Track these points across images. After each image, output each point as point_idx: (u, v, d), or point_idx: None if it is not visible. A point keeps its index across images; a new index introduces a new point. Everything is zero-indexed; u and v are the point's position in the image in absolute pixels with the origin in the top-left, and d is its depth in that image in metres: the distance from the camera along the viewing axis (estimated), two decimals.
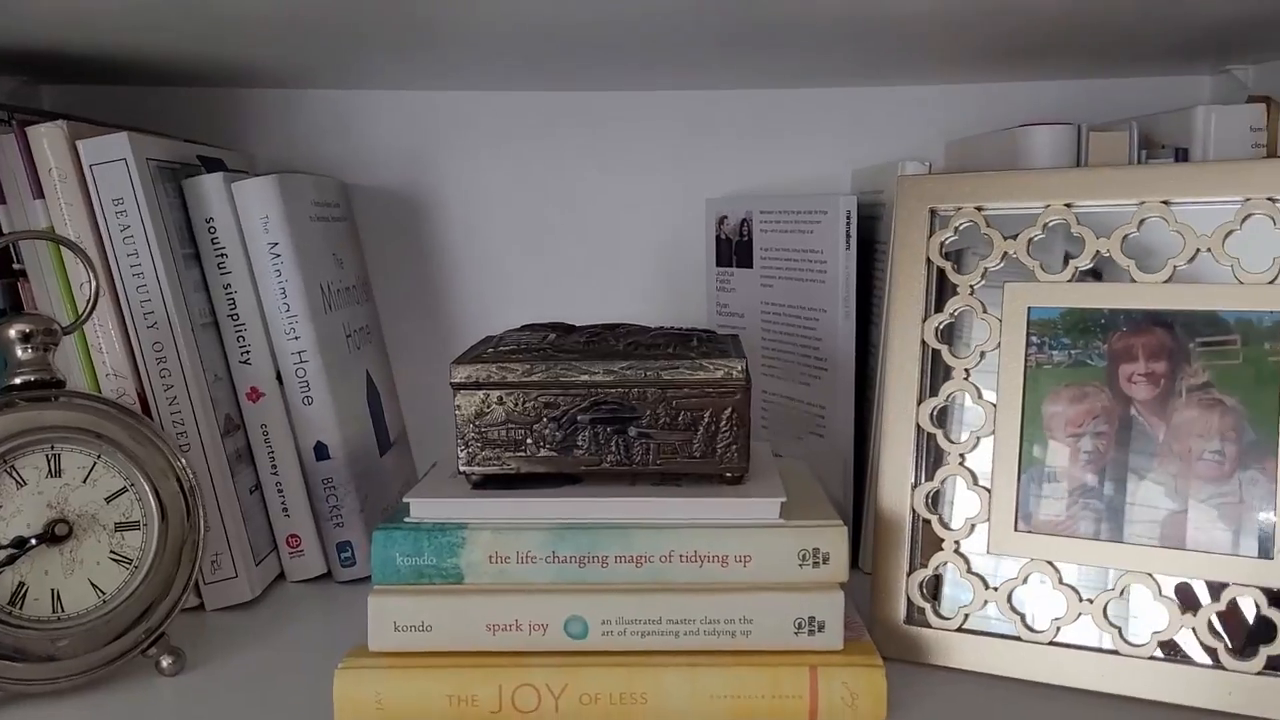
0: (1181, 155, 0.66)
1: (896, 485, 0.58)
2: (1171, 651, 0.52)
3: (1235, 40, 0.69)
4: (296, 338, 0.68)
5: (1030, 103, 0.81)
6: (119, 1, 0.54)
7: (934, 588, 0.57)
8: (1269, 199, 0.51)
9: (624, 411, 0.53)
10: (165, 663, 0.56)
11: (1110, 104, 0.81)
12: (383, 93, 0.83)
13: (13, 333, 0.54)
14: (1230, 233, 0.52)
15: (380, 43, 0.65)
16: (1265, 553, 0.50)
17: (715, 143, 0.83)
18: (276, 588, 0.69)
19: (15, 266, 0.62)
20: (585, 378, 0.53)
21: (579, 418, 0.53)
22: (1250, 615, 0.50)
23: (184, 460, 0.56)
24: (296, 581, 0.70)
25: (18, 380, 0.54)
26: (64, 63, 0.71)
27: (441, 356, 0.85)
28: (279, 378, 0.68)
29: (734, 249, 0.80)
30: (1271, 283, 0.51)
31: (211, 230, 0.67)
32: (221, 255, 0.67)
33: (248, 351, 0.68)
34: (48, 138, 0.61)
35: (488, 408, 0.53)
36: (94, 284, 0.58)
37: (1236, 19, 0.61)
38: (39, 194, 0.62)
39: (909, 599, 0.57)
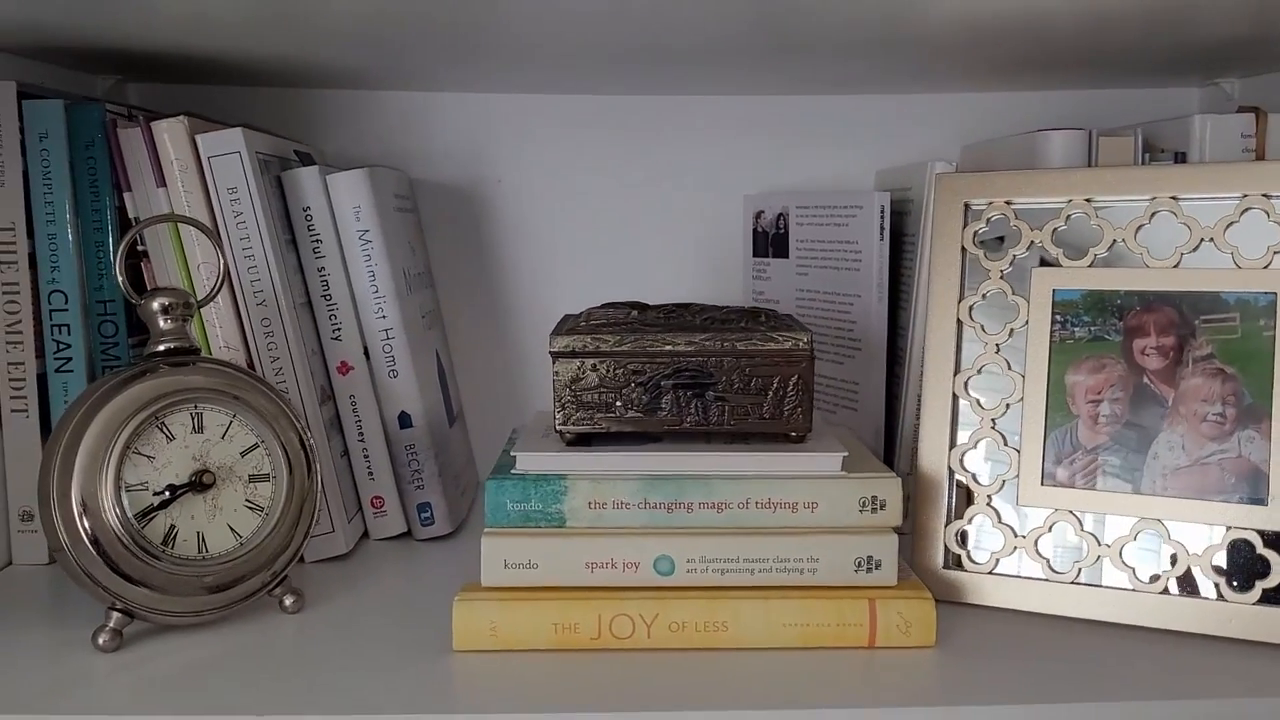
0: (1180, 159, 0.74)
1: (935, 447, 0.65)
2: (1179, 587, 0.59)
3: (1223, 57, 0.77)
4: (384, 317, 0.74)
5: (1037, 111, 0.90)
6: (229, 13, 0.60)
7: (964, 539, 0.64)
8: (1264, 195, 0.59)
9: (703, 378, 0.60)
10: (288, 601, 0.62)
11: (1110, 113, 0.89)
12: (445, 94, 0.90)
13: (156, 305, 0.61)
14: (1230, 224, 0.60)
15: (446, 52, 0.72)
16: (1260, 500, 0.58)
17: (751, 144, 0.91)
18: (362, 545, 0.76)
19: (139, 248, 0.69)
20: (669, 347, 0.60)
21: (663, 383, 0.60)
22: (1243, 554, 0.58)
23: (305, 421, 0.63)
24: (380, 539, 0.76)
25: (161, 348, 0.60)
26: (156, 63, 0.77)
27: (493, 341, 0.92)
28: (366, 353, 0.75)
29: (770, 241, 0.87)
30: (1266, 268, 0.59)
31: (308, 218, 0.73)
32: (317, 241, 0.74)
33: (339, 329, 0.74)
34: (169, 132, 0.68)
35: (582, 374, 0.60)
36: (221, 263, 0.65)
37: (1224, 39, 0.70)
38: (161, 183, 0.68)
39: (946, 546, 0.65)
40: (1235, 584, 0.58)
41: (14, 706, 0.51)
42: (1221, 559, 0.59)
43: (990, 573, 0.63)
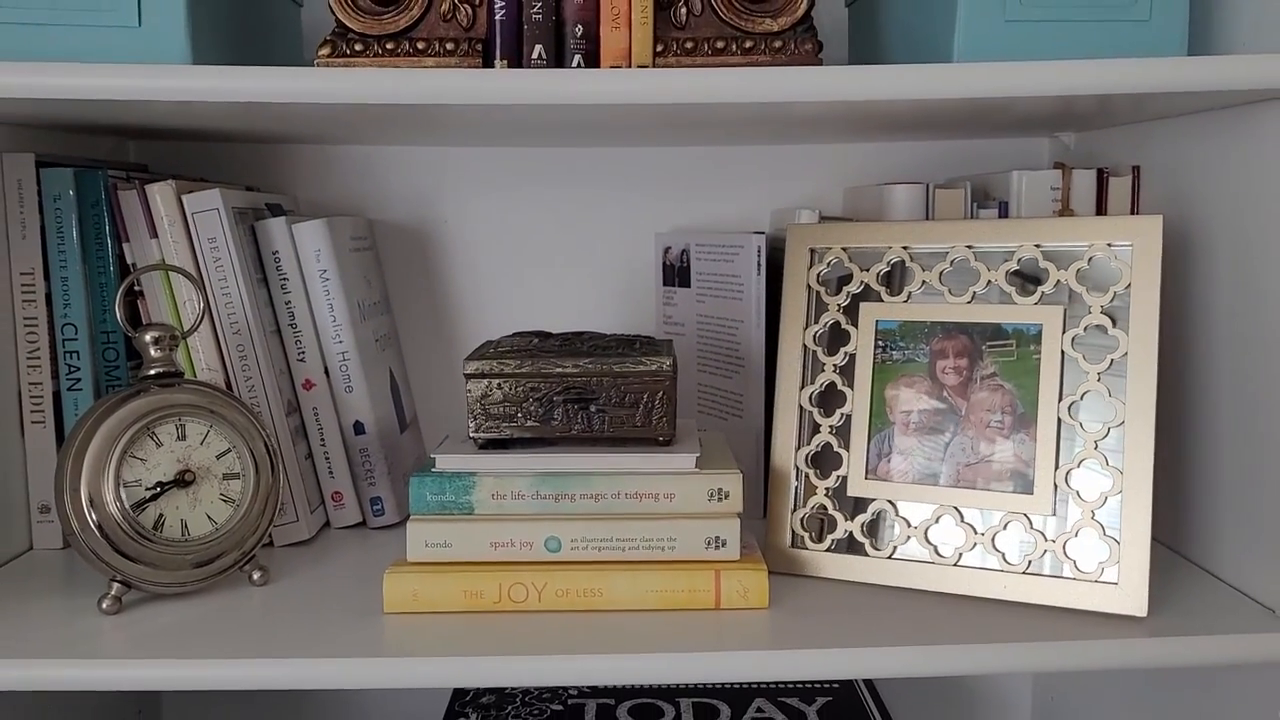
0: (1004, 207, 0.89)
1: (784, 447, 0.80)
2: (969, 560, 0.74)
3: (1054, 122, 0.91)
4: (340, 341, 0.89)
5: (911, 157, 1.04)
6: (209, 108, 0.75)
7: (805, 523, 0.79)
8: (1035, 245, 0.74)
9: (587, 394, 0.75)
10: (256, 576, 0.77)
11: (975, 159, 1.04)
12: (399, 148, 1.05)
13: (148, 338, 0.75)
14: (1011, 270, 0.75)
15: (393, 124, 0.86)
16: (1028, 490, 0.72)
17: (663, 188, 1.05)
18: (324, 533, 0.90)
19: (136, 289, 0.84)
20: (560, 370, 0.75)
21: (555, 398, 0.75)
22: (1016, 533, 0.73)
23: (271, 430, 0.78)
24: (339, 528, 0.91)
25: (152, 372, 0.75)
26: (154, 132, 0.92)
27: (444, 358, 1.07)
28: (326, 372, 0.90)
29: (676, 273, 1.02)
30: (1036, 304, 0.74)
31: (277, 261, 0.88)
32: (284, 279, 0.88)
33: (303, 352, 0.89)
34: (160, 193, 0.83)
35: (490, 391, 0.75)
36: (202, 302, 0.79)
37: (1047, 113, 0.84)
38: (154, 234, 0.83)
39: (792, 530, 0.79)
40: (1009, 557, 0.73)
41: (38, 654, 0.66)
42: (1000, 537, 0.73)
43: (826, 550, 0.78)
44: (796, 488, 0.80)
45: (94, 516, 0.71)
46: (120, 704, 1.01)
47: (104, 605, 0.71)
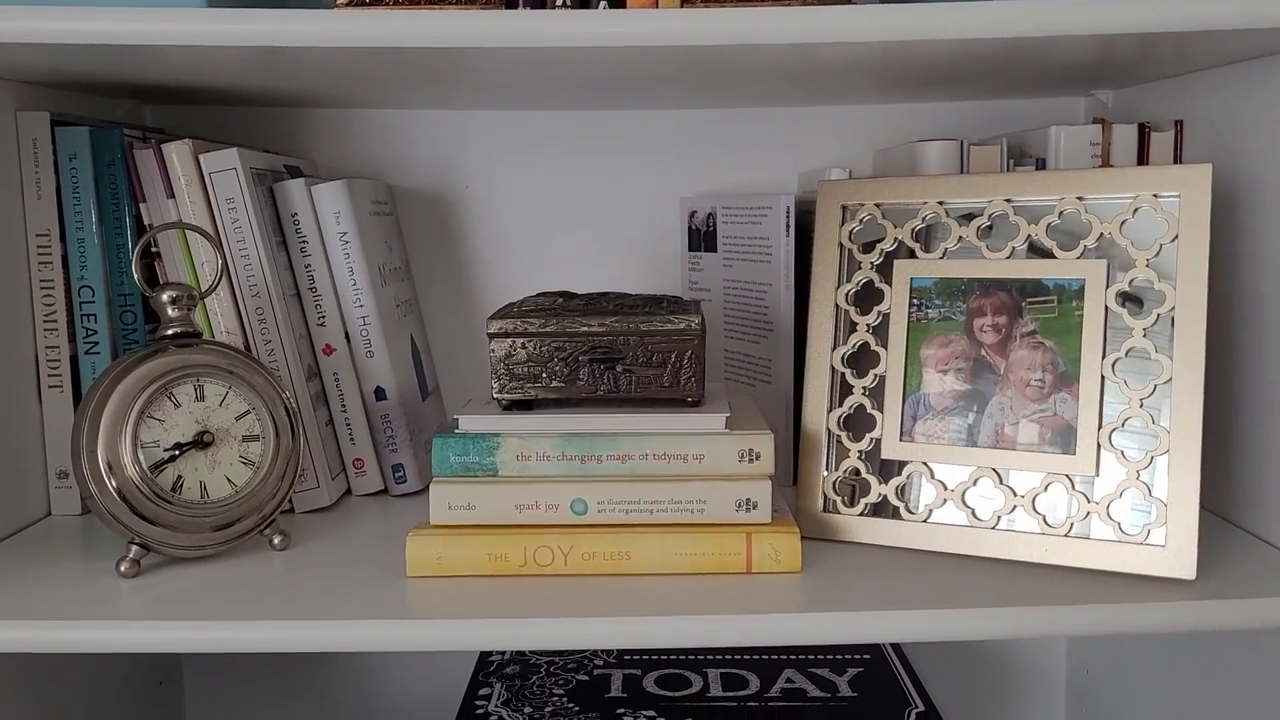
0: (1040, 164, 0.86)
1: (816, 411, 0.78)
2: (1008, 524, 0.72)
3: (1091, 74, 0.89)
4: (361, 306, 0.87)
5: (943, 119, 1.01)
6: (223, 57, 0.73)
7: (838, 487, 0.77)
8: (1078, 198, 0.71)
9: (613, 354, 0.73)
10: (276, 540, 0.75)
11: (1009, 119, 1.01)
12: (419, 112, 1.03)
13: (165, 297, 0.74)
14: (1051, 224, 0.72)
15: (415, 81, 0.84)
16: (1070, 450, 0.70)
17: (688, 151, 1.03)
18: (345, 500, 0.89)
19: (153, 250, 0.82)
20: (585, 329, 0.73)
21: (580, 358, 0.73)
22: (1058, 495, 0.70)
23: (290, 392, 0.76)
24: (361, 495, 0.90)
25: (169, 331, 0.74)
26: (166, 93, 0.90)
27: (466, 327, 1.05)
28: (347, 337, 0.88)
29: (702, 237, 0.99)
30: (1079, 258, 0.71)
31: (296, 223, 0.86)
32: (303, 242, 0.87)
33: (323, 317, 0.87)
34: (177, 153, 0.81)
35: (514, 351, 0.73)
36: (220, 262, 0.78)
37: (1084, 62, 0.81)
38: (171, 195, 0.81)
39: (824, 494, 0.77)
40: (1050, 520, 0.70)
41: (57, 615, 0.64)
42: (1041, 499, 0.71)
43: (858, 515, 0.76)
44: (828, 451, 0.77)
45: (111, 478, 0.69)
46: (142, 676, 1.00)
47: (122, 568, 0.70)
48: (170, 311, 0.74)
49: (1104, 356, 0.70)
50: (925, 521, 0.74)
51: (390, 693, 1.11)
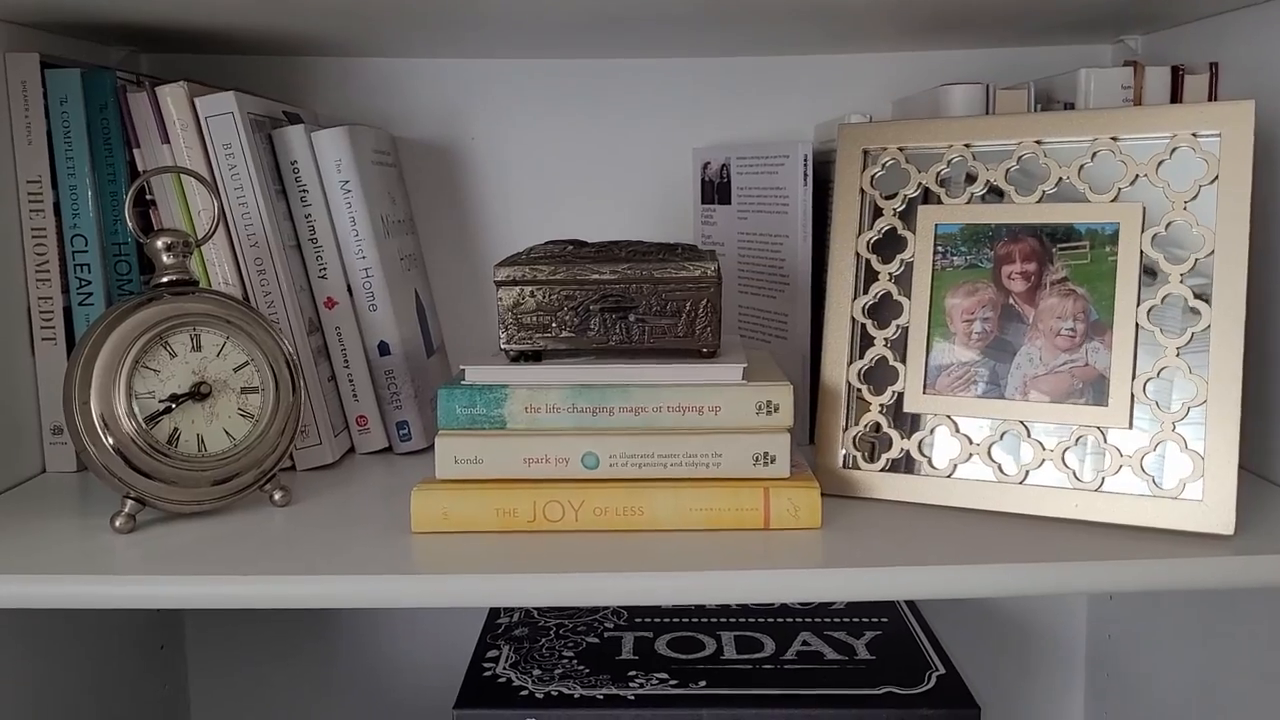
0: (1069, 109, 0.83)
1: (835, 362, 0.75)
2: (1036, 479, 0.69)
3: (1123, 16, 0.85)
4: (364, 257, 0.84)
5: (965, 67, 0.98)
6: None
7: (858, 442, 0.74)
8: (1112, 138, 0.68)
9: (625, 302, 0.70)
10: (277, 495, 0.73)
11: (1033, 67, 0.97)
12: (422, 60, 0.99)
13: (160, 243, 0.71)
14: (1083, 166, 0.69)
15: (420, 23, 0.81)
16: (1102, 402, 0.67)
17: (700, 101, 1.00)
18: (349, 458, 0.86)
19: (148, 197, 0.79)
20: (596, 276, 0.70)
21: (591, 307, 0.70)
22: (1089, 448, 0.68)
23: (289, 342, 0.73)
24: (364, 453, 0.87)
25: (164, 279, 0.71)
26: (160, 36, 0.87)
27: (473, 283, 1.02)
28: (349, 290, 0.85)
29: (715, 189, 0.96)
30: (1112, 201, 0.68)
31: (295, 171, 0.83)
32: (304, 191, 0.84)
33: (324, 268, 0.85)
34: (171, 95, 0.78)
35: (522, 299, 0.70)
36: (216, 209, 0.75)
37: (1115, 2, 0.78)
38: (165, 140, 0.78)
39: (844, 449, 0.74)
40: (1080, 474, 0.68)
41: (51, 570, 0.62)
42: (1071, 453, 0.68)
43: (880, 470, 0.73)
44: (848, 405, 0.75)
45: (105, 430, 0.67)
46: (143, 637, 0.98)
47: (116, 523, 0.67)
48: (165, 259, 0.71)
49: (1139, 304, 0.67)
50: (949, 477, 0.71)
51: (396, 656, 1.09)
